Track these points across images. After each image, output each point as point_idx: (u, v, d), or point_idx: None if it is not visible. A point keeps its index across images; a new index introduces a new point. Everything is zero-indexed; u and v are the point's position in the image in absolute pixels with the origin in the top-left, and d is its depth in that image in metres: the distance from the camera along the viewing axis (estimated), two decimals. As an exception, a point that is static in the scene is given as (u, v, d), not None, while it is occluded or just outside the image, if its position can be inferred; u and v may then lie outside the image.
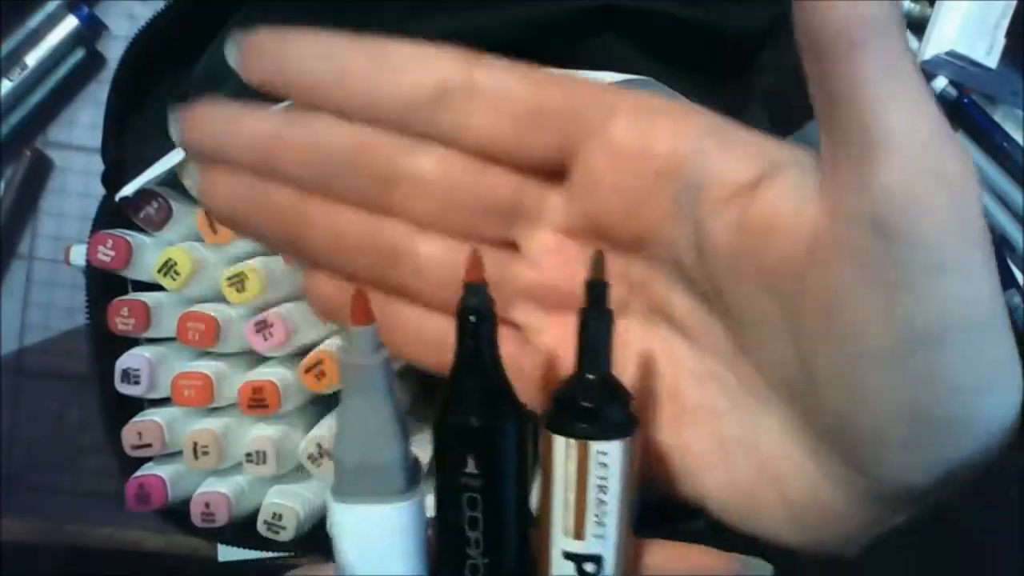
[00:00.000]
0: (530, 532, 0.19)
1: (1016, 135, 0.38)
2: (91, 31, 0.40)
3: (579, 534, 0.18)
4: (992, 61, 0.35)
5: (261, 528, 0.32)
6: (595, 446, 0.18)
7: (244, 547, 0.34)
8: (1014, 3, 0.35)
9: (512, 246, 0.22)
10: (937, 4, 0.36)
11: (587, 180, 0.20)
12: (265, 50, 0.20)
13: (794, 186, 0.18)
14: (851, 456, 0.18)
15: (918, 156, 0.16)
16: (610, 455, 0.18)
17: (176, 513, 0.33)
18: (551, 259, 0.21)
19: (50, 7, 0.39)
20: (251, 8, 0.31)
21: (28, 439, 0.43)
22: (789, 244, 0.17)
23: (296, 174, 0.20)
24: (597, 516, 0.18)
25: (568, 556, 0.18)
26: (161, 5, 0.29)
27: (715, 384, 0.20)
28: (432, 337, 0.22)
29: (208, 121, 0.21)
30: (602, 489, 0.18)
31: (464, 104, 0.20)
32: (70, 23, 0.40)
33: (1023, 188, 0.38)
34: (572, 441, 0.18)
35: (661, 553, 0.20)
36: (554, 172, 0.21)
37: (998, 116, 0.38)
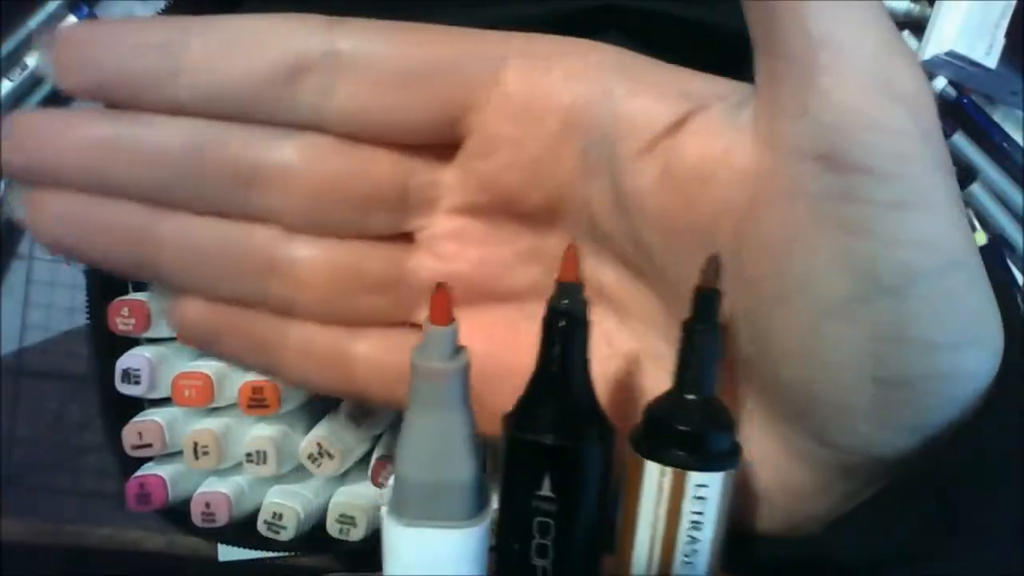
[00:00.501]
0: (604, 563, 0.17)
1: (1016, 135, 0.38)
2: (91, 31, 0.40)
3: (665, 573, 0.16)
4: (992, 61, 0.35)
5: (261, 528, 0.32)
6: (694, 477, 0.15)
7: (244, 547, 0.34)
8: (1014, 3, 0.35)
9: (406, 237, 0.19)
10: (937, 4, 0.36)
11: (482, 146, 0.17)
12: (82, 48, 0.17)
13: (723, 122, 0.16)
14: (816, 429, 0.16)
15: (867, 67, 0.14)
16: (710, 488, 0.15)
17: (176, 513, 0.33)
18: (453, 246, 0.19)
19: (50, 7, 0.39)
20: (251, 9, 0.30)
21: (28, 439, 0.43)
22: (724, 190, 0.15)
23: (137, 185, 0.17)
24: (687, 556, 0.16)
25: None
26: (161, 5, 0.29)
27: (659, 366, 0.18)
28: (325, 354, 0.19)
29: (28, 134, 0.17)
30: (696, 526, 0.15)
31: (326, 78, 0.16)
32: (70, 23, 0.40)
33: (1023, 188, 0.38)
34: (667, 469, 0.15)
35: None
36: (444, 144, 0.18)
37: (998, 116, 0.38)
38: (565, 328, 0.16)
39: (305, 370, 0.19)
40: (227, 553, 0.39)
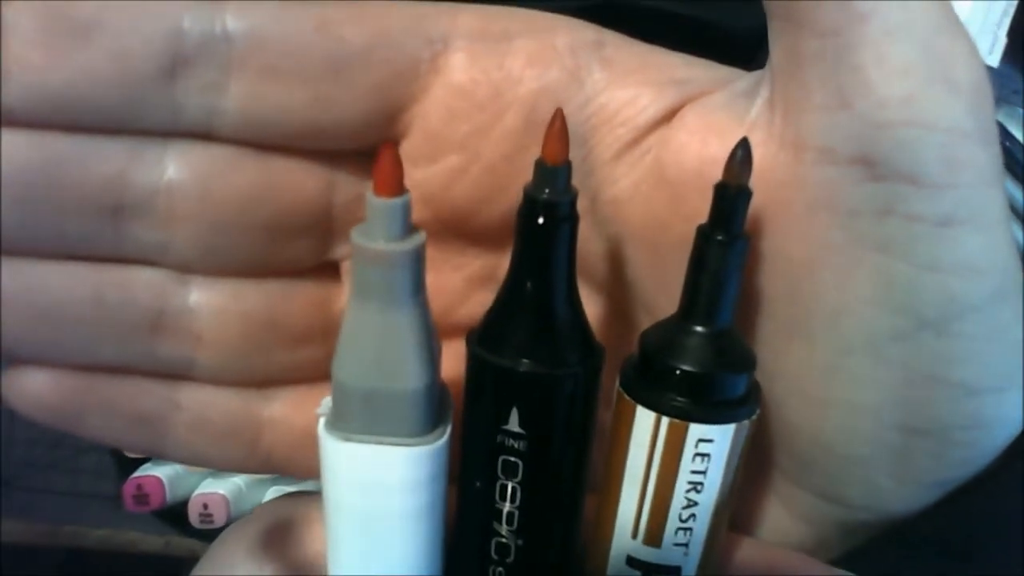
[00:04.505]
0: (582, 516, 0.14)
1: (1017, 134, 0.38)
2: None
3: (654, 540, 0.13)
4: (993, 60, 0.35)
5: (259, 529, 0.32)
6: (696, 430, 0.12)
7: (242, 548, 0.34)
8: (1015, 2, 0.35)
9: (331, 269, 0.15)
10: (938, 3, 0.36)
11: (423, 150, 0.14)
12: None
13: (727, 115, 0.13)
14: (825, 483, 0.14)
15: (920, 50, 0.11)
16: (716, 443, 0.12)
17: (174, 514, 0.33)
18: None
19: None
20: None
21: (25, 440, 0.43)
22: None
23: None
24: (683, 521, 0.13)
25: (633, 563, 0.13)
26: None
27: None
28: (225, 424, 0.15)
29: None
30: (696, 488, 0.13)
31: (214, 70, 0.12)
32: None
33: (1024, 188, 0.38)
34: (664, 419, 0.12)
35: (753, 556, 0.14)
36: (375, 150, 0.14)
37: (999, 115, 0.38)
38: (545, 225, 0.12)
39: (199, 445, 0.15)
40: (225, 554, 0.39)
